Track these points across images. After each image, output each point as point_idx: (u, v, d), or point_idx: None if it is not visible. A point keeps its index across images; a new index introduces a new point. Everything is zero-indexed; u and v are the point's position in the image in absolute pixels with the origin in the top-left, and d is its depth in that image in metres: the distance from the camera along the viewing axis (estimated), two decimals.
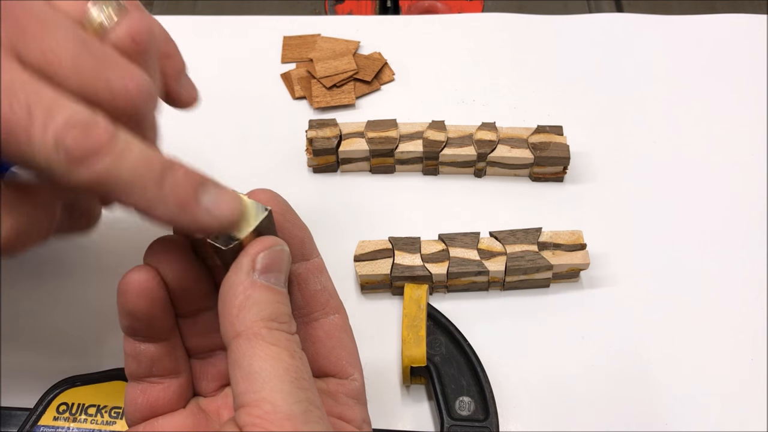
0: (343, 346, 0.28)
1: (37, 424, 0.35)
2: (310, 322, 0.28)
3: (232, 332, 0.24)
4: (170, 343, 0.28)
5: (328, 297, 0.28)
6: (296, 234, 0.28)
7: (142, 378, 0.27)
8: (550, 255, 0.41)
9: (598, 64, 0.53)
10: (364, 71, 0.52)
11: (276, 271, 0.25)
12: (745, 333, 0.40)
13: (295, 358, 0.24)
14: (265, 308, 0.24)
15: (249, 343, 0.23)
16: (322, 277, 0.28)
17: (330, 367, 0.28)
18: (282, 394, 0.22)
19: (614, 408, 0.38)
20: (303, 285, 0.28)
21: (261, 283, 0.24)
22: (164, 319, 0.27)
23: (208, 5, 0.61)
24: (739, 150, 0.48)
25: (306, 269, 0.28)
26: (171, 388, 0.28)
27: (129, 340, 0.27)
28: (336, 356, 0.28)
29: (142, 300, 0.26)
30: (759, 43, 0.54)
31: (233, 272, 0.25)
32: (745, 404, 0.38)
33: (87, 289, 0.43)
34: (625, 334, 0.41)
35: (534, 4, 0.59)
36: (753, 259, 0.43)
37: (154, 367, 0.27)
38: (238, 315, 0.24)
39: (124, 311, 0.26)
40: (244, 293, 0.24)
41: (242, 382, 0.23)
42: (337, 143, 0.47)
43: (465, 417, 0.36)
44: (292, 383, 0.23)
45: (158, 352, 0.27)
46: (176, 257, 0.27)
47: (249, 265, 0.25)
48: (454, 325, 0.38)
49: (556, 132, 0.46)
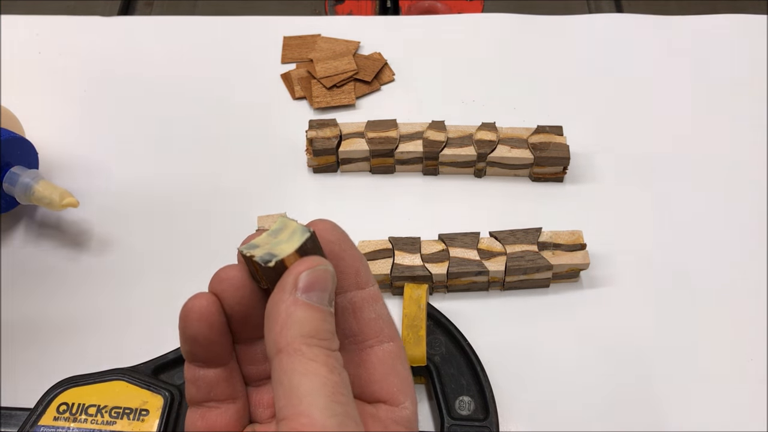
0: (396, 374, 0.28)
1: (37, 424, 0.34)
2: (364, 349, 0.29)
3: (274, 349, 0.25)
4: (228, 369, 0.29)
5: (382, 325, 0.28)
6: (352, 264, 0.28)
7: (201, 403, 0.29)
8: (550, 255, 0.41)
9: (598, 64, 0.53)
10: (364, 71, 0.52)
11: (319, 290, 0.26)
12: (745, 333, 0.40)
13: (333, 374, 0.24)
14: (305, 325, 0.25)
15: (289, 359, 0.24)
16: (376, 305, 0.29)
17: (381, 393, 0.28)
18: (318, 408, 0.23)
19: (614, 408, 0.38)
20: (358, 313, 0.28)
21: (303, 302, 0.25)
22: (223, 345, 0.28)
23: (208, 5, 0.61)
24: (739, 150, 0.48)
25: (361, 298, 0.28)
26: (228, 413, 0.28)
27: (189, 366, 0.28)
28: (388, 383, 0.28)
29: (202, 325, 0.27)
30: (759, 43, 0.54)
31: (277, 291, 0.26)
32: (745, 404, 0.38)
33: (87, 289, 0.43)
34: (625, 334, 0.41)
35: (534, 4, 0.59)
36: (753, 258, 0.43)
37: (212, 392, 0.28)
38: (280, 332, 0.25)
39: (186, 336, 0.28)
40: (286, 311, 0.25)
41: (282, 396, 0.24)
42: (337, 143, 0.47)
43: (465, 416, 0.36)
44: (329, 397, 0.23)
45: (216, 377, 0.28)
46: (236, 285, 0.28)
47: (292, 284, 0.25)
48: (454, 325, 0.38)
49: (556, 132, 0.46)
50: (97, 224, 0.46)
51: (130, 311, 0.42)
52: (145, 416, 0.35)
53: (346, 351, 0.28)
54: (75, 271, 0.44)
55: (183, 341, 0.28)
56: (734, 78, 0.52)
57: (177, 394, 0.36)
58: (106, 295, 0.43)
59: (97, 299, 0.43)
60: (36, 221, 0.46)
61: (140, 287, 0.43)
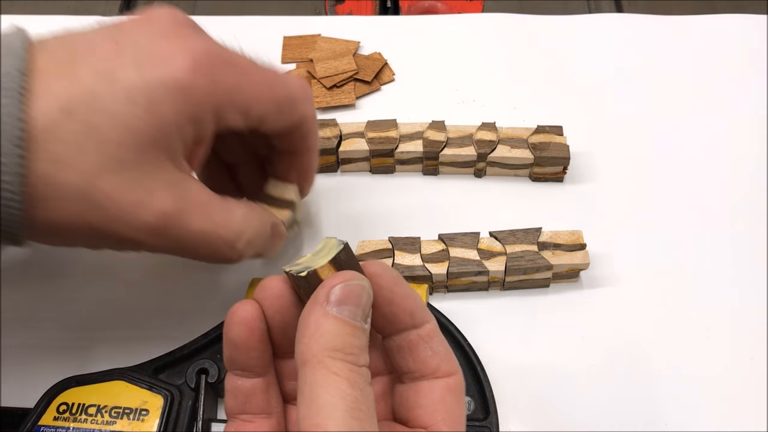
0: (444, 405, 0.28)
1: (37, 424, 0.34)
2: (420, 380, 0.29)
3: (300, 360, 0.25)
4: (265, 381, 0.29)
5: (438, 362, 0.28)
6: (405, 306, 0.28)
7: (236, 415, 0.29)
8: (550, 255, 0.41)
9: (598, 64, 0.53)
10: (364, 71, 0.52)
11: (351, 305, 0.26)
12: (745, 333, 0.40)
13: (354, 389, 0.24)
14: (332, 339, 0.25)
15: (312, 371, 0.25)
16: (432, 342, 0.29)
17: (423, 419, 0.28)
18: (334, 421, 0.23)
19: (614, 408, 0.38)
20: (414, 352, 0.28)
21: (332, 315, 0.26)
22: (261, 352, 0.29)
23: (208, 5, 0.61)
24: (739, 150, 0.48)
25: (417, 335, 0.28)
26: (262, 428, 0.29)
27: (230, 376, 0.29)
28: (432, 410, 0.28)
29: (242, 329, 0.28)
30: (759, 43, 0.54)
31: (310, 303, 0.26)
32: (745, 404, 0.38)
33: (87, 289, 0.43)
34: (625, 334, 0.41)
35: (534, 4, 0.59)
36: (753, 258, 0.43)
37: (248, 403, 0.29)
38: (308, 343, 0.25)
39: (227, 339, 0.29)
40: (315, 323, 0.26)
41: (303, 407, 0.24)
42: (337, 143, 0.47)
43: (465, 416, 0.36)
44: (347, 412, 0.24)
45: (253, 387, 0.29)
46: (276, 294, 0.29)
47: (324, 297, 0.26)
48: (454, 325, 0.38)
49: (556, 132, 0.46)
50: None
51: (130, 311, 0.42)
52: (145, 416, 0.35)
53: (403, 384, 0.29)
54: (75, 270, 0.44)
55: (225, 346, 0.29)
56: (734, 78, 0.52)
57: (177, 394, 0.36)
58: (106, 294, 0.43)
59: (97, 299, 0.43)
60: None
61: (140, 287, 0.43)
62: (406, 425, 0.28)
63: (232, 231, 0.33)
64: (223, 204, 0.33)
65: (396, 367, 0.29)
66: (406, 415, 0.28)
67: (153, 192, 0.30)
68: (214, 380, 0.36)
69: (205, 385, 0.36)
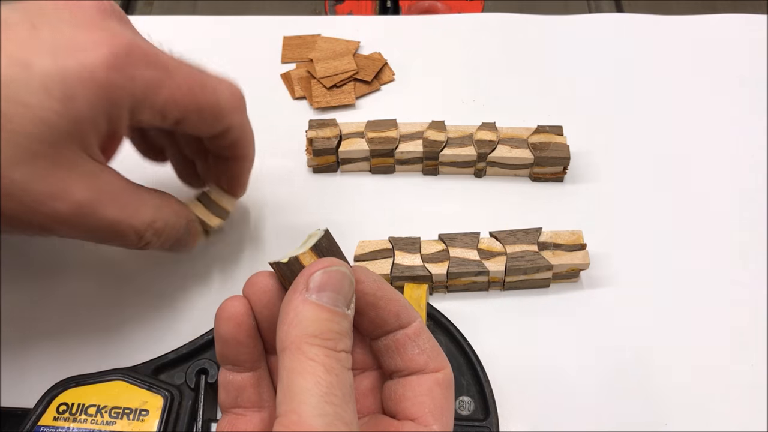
0: (431, 397, 0.28)
1: (37, 425, 0.34)
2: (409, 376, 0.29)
3: (280, 347, 0.26)
4: (256, 375, 0.30)
5: (426, 359, 0.29)
6: (391, 309, 0.29)
7: (229, 409, 0.30)
8: (550, 255, 0.41)
9: (598, 64, 0.53)
10: (364, 71, 0.52)
11: (331, 291, 0.26)
12: (746, 333, 0.40)
13: (330, 374, 0.25)
14: (309, 325, 0.25)
15: (290, 357, 0.25)
16: (419, 340, 0.29)
17: (411, 410, 0.28)
18: (308, 407, 0.24)
19: (614, 408, 0.38)
20: (402, 351, 0.29)
21: (311, 301, 0.26)
22: (250, 347, 0.29)
23: (208, 5, 0.61)
24: (739, 150, 0.48)
25: (404, 335, 0.29)
26: (253, 421, 0.29)
27: (222, 371, 0.30)
28: (419, 402, 0.28)
29: (230, 324, 0.28)
30: (759, 43, 0.54)
31: (290, 291, 0.27)
32: (745, 404, 0.38)
33: (87, 289, 0.43)
34: (625, 334, 0.40)
35: (534, 4, 0.59)
36: (753, 258, 0.43)
37: (239, 397, 0.29)
38: (287, 330, 0.25)
39: (217, 335, 0.29)
40: (294, 310, 0.26)
41: (280, 393, 0.25)
42: (337, 143, 0.46)
43: (465, 417, 0.36)
44: (321, 397, 0.24)
45: (244, 382, 0.29)
46: (263, 288, 0.29)
47: (303, 284, 0.26)
48: (454, 325, 0.38)
49: (556, 132, 0.46)
50: None
51: (130, 311, 0.42)
52: (144, 416, 0.35)
53: (393, 381, 0.29)
54: (74, 270, 0.44)
55: (216, 342, 0.29)
56: (734, 78, 0.52)
57: (177, 394, 0.36)
58: (106, 294, 0.43)
59: (97, 299, 0.43)
60: None
61: (140, 287, 0.43)
62: (394, 417, 0.28)
63: (141, 220, 0.33)
64: (136, 193, 0.34)
65: (384, 366, 0.29)
66: (394, 408, 0.28)
67: (68, 184, 0.30)
68: (213, 380, 0.36)
69: (204, 385, 0.36)
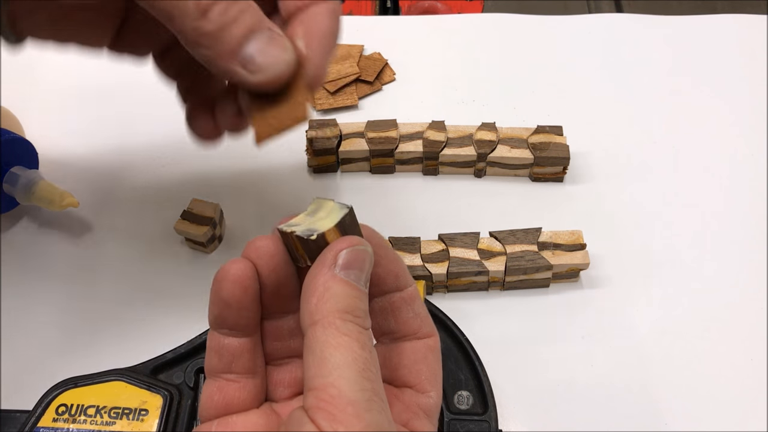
0: (427, 364, 0.29)
1: (36, 426, 0.34)
2: (400, 340, 0.29)
3: (309, 320, 0.25)
4: (252, 341, 0.29)
5: (420, 323, 0.29)
6: (391, 269, 0.29)
7: (220, 374, 0.29)
8: (550, 255, 0.41)
9: (598, 64, 0.53)
10: (366, 72, 0.52)
11: (356, 269, 0.26)
12: (745, 333, 0.40)
13: (364, 350, 0.25)
14: (341, 300, 0.25)
15: (323, 331, 0.25)
16: (414, 305, 0.29)
17: (408, 378, 0.29)
18: (348, 381, 0.24)
19: (614, 408, 0.38)
20: (396, 313, 0.29)
21: (340, 278, 0.26)
22: (252, 312, 0.28)
23: None
24: (739, 150, 0.48)
25: (400, 298, 0.29)
26: (247, 387, 0.29)
27: (214, 335, 0.29)
28: (416, 370, 0.29)
29: (236, 288, 0.28)
30: (759, 43, 0.54)
31: (317, 265, 0.26)
32: (745, 404, 0.38)
33: (87, 289, 0.43)
34: (625, 334, 0.40)
35: (534, 4, 0.59)
36: (753, 258, 0.43)
37: (234, 362, 0.29)
38: (317, 304, 0.25)
39: (218, 298, 0.28)
40: (324, 285, 0.26)
41: (313, 366, 0.24)
42: (337, 143, 0.46)
43: (464, 411, 0.36)
44: (359, 372, 0.24)
45: (240, 347, 0.29)
46: (270, 252, 0.28)
47: (332, 260, 0.26)
48: (451, 320, 0.38)
49: (556, 132, 0.46)
50: (97, 224, 0.46)
51: (129, 311, 0.42)
52: (144, 416, 0.35)
53: (383, 344, 0.29)
54: (74, 271, 0.44)
55: (214, 305, 0.28)
56: (734, 78, 0.52)
57: (176, 394, 0.35)
58: (106, 295, 0.43)
59: (97, 299, 0.43)
60: (36, 221, 0.46)
61: (139, 287, 0.43)
62: (390, 384, 0.29)
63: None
64: None
65: (377, 327, 0.29)
66: (390, 375, 0.29)
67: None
68: None
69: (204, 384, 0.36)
